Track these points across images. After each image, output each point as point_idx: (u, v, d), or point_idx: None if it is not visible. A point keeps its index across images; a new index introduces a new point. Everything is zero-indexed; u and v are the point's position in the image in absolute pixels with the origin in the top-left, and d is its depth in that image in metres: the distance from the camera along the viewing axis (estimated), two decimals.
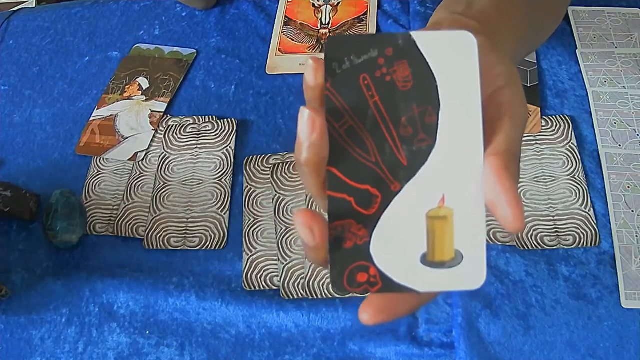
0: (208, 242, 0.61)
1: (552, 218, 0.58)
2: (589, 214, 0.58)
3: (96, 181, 0.66)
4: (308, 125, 0.27)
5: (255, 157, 0.66)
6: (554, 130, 0.63)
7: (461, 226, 0.28)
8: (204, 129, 0.68)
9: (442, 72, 0.29)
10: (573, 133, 0.63)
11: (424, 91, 0.29)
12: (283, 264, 0.58)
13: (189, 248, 0.61)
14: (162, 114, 0.70)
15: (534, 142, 0.62)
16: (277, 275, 0.58)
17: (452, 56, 0.28)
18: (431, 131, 0.28)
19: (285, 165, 0.64)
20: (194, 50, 0.77)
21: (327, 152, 0.28)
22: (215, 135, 0.68)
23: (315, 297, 0.56)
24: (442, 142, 0.28)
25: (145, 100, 0.72)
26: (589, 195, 0.59)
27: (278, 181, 0.63)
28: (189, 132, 0.68)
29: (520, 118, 0.30)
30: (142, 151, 0.67)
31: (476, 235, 0.28)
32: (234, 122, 0.68)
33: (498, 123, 0.30)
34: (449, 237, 0.28)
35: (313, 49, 0.74)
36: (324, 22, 0.77)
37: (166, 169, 0.66)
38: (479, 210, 0.28)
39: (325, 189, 0.29)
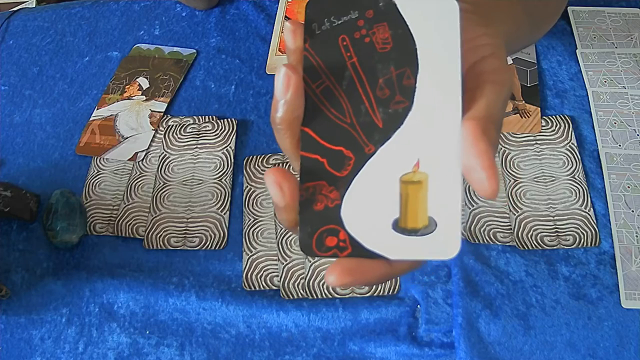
0: (208, 242, 0.61)
1: (552, 218, 0.58)
2: (589, 214, 0.58)
3: (96, 181, 0.66)
4: (283, 83, 0.27)
5: (255, 157, 0.66)
6: (554, 130, 0.63)
7: (436, 192, 0.26)
8: (204, 129, 0.68)
9: (422, 35, 0.28)
10: (573, 133, 0.63)
11: (403, 53, 0.28)
12: (283, 264, 0.58)
13: (189, 248, 0.61)
14: (162, 114, 0.70)
15: (534, 142, 0.62)
16: (277, 275, 0.58)
17: (433, 20, 0.28)
18: (408, 94, 0.28)
19: (285, 165, 0.64)
20: (194, 50, 0.77)
21: (302, 111, 0.28)
22: (215, 135, 0.68)
23: (315, 297, 0.56)
24: (419, 105, 0.27)
25: (145, 100, 0.72)
26: (589, 195, 0.59)
27: None
28: (189, 132, 0.68)
29: (503, 85, 0.29)
30: (142, 151, 0.67)
31: (451, 202, 0.26)
32: (234, 122, 0.68)
33: (479, 90, 0.29)
34: (422, 203, 0.26)
35: None
36: None
37: (166, 169, 0.66)
38: (454, 176, 0.26)
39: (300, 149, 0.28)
